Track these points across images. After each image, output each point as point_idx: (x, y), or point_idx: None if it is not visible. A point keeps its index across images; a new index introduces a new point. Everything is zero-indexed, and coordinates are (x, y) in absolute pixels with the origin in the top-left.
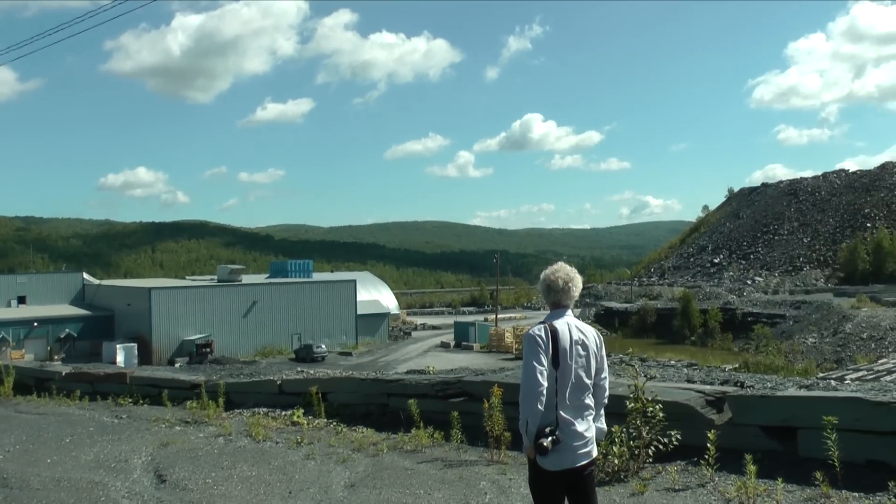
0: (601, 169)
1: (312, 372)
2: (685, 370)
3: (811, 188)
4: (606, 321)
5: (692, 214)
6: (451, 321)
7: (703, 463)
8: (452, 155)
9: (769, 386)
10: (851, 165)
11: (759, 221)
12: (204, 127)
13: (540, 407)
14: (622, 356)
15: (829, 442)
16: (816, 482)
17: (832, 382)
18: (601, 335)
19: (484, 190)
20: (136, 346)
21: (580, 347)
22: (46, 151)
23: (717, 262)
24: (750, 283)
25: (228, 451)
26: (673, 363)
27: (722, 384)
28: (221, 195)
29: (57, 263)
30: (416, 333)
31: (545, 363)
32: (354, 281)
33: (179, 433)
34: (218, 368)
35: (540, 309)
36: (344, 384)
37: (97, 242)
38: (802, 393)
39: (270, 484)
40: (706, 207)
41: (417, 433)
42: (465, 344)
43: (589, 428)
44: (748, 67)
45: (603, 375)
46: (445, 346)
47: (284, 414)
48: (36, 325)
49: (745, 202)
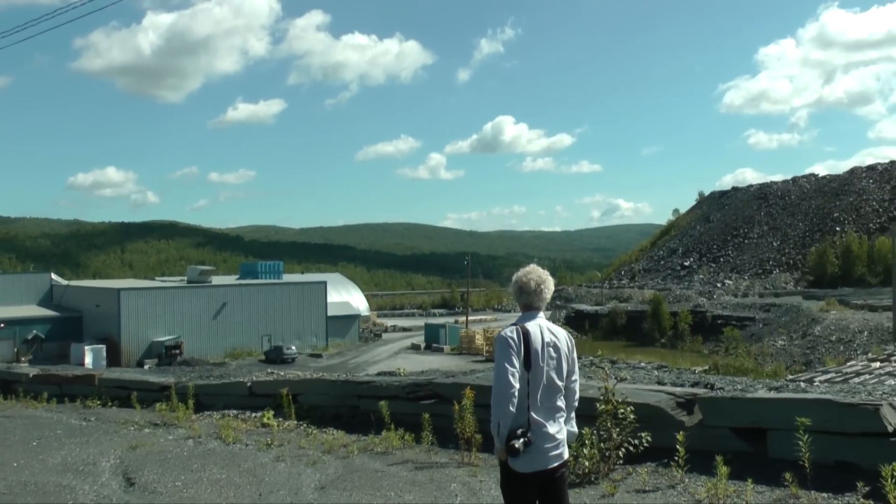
0: (572, 172)
1: (283, 374)
2: (655, 372)
3: (781, 192)
4: (577, 323)
5: (663, 217)
6: (421, 323)
7: (673, 464)
8: (424, 157)
9: (739, 388)
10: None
11: (729, 225)
12: (174, 127)
13: (511, 409)
14: (592, 358)
15: (798, 443)
16: (786, 483)
17: (801, 384)
18: (572, 337)
19: (455, 192)
20: (104, 347)
21: (552, 349)
22: (14, 150)
23: (687, 265)
24: (720, 285)
25: (198, 453)
26: (643, 365)
27: (692, 386)
28: (191, 195)
29: (25, 264)
30: (386, 335)
31: (517, 365)
32: (325, 282)
33: (148, 435)
34: (187, 370)
35: (511, 311)
36: (314, 386)
37: (66, 242)
38: (772, 395)
39: (240, 486)
40: (677, 211)
41: (388, 435)
42: (435, 346)
43: (560, 430)
44: (719, 72)
45: (573, 378)
46: (416, 347)
47: (254, 416)
48: (3, 326)
49: (715, 206)
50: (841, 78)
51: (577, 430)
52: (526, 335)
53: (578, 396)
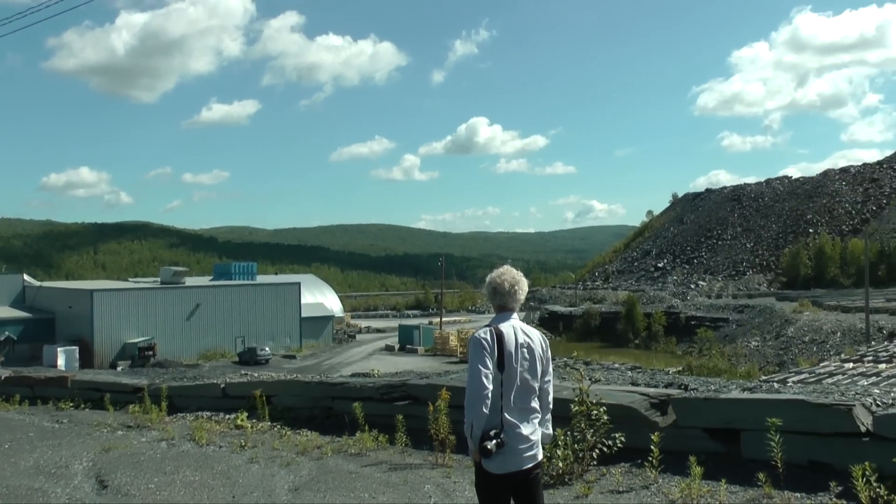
0: (546, 173)
1: (256, 375)
2: (629, 373)
3: (754, 194)
4: (551, 325)
5: (637, 219)
6: (395, 324)
7: (647, 465)
8: (398, 158)
9: (713, 389)
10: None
11: (702, 226)
12: (148, 127)
13: (485, 410)
14: (566, 360)
15: (772, 443)
16: (759, 483)
17: (775, 385)
18: (546, 339)
19: (429, 193)
20: (77, 349)
21: (526, 350)
22: None
23: (661, 266)
24: (693, 287)
25: (171, 455)
26: (617, 366)
27: (666, 387)
28: (165, 196)
29: None
30: (360, 336)
31: (491, 366)
32: (299, 283)
33: (121, 438)
34: (161, 372)
35: (485, 312)
36: (288, 387)
37: (38, 243)
38: (745, 395)
39: (214, 489)
40: (650, 212)
41: (362, 436)
42: (409, 347)
43: (534, 431)
44: (692, 74)
45: (547, 379)
46: (390, 349)
47: (228, 417)
48: None
49: (689, 207)
50: (814, 81)
51: (552, 431)
52: (500, 336)
53: (553, 397)
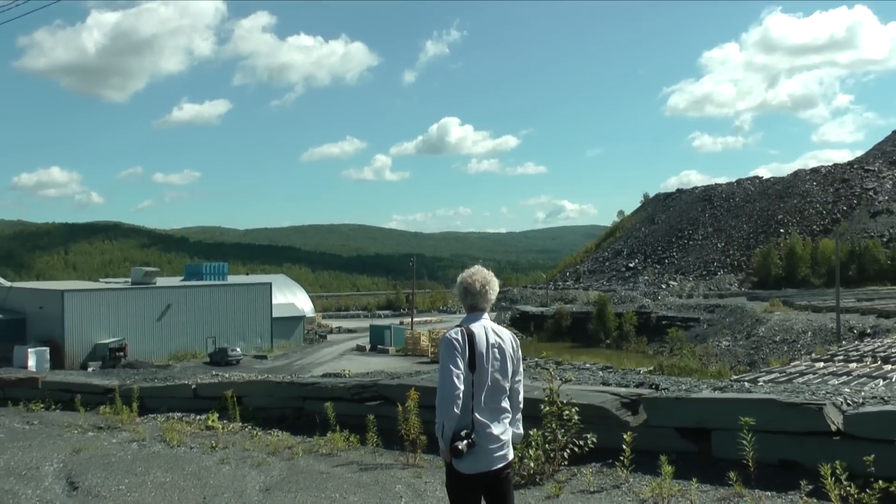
0: (517, 173)
1: (227, 375)
2: (600, 373)
3: (725, 194)
4: (522, 325)
5: (608, 219)
6: (366, 324)
7: (618, 465)
8: (369, 158)
9: (684, 388)
10: (765, 172)
11: (673, 226)
12: (119, 127)
13: (456, 410)
14: (538, 360)
15: (743, 442)
16: (730, 482)
17: (746, 384)
18: (517, 339)
19: (400, 193)
20: (48, 350)
21: (496, 351)
22: None
23: (632, 266)
24: (665, 287)
25: (142, 456)
26: (588, 366)
27: (637, 387)
28: (136, 196)
29: None
30: (331, 337)
31: (462, 367)
32: (270, 284)
33: (92, 439)
34: (132, 373)
35: (456, 312)
36: (259, 388)
37: (9, 243)
38: (716, 395)
39: (184, 490)
40: (622, 212)
41: (333, 437)
42: (380, 347)
43: (505, 431)
44: (663, 75)
45: (518, 379)
46: (361, 349)
47: (199, 418)
48: None
49: (660, 207)
50: (784, 82)
51: (522, 431)
52: (471, 337)
53: (523, 397)
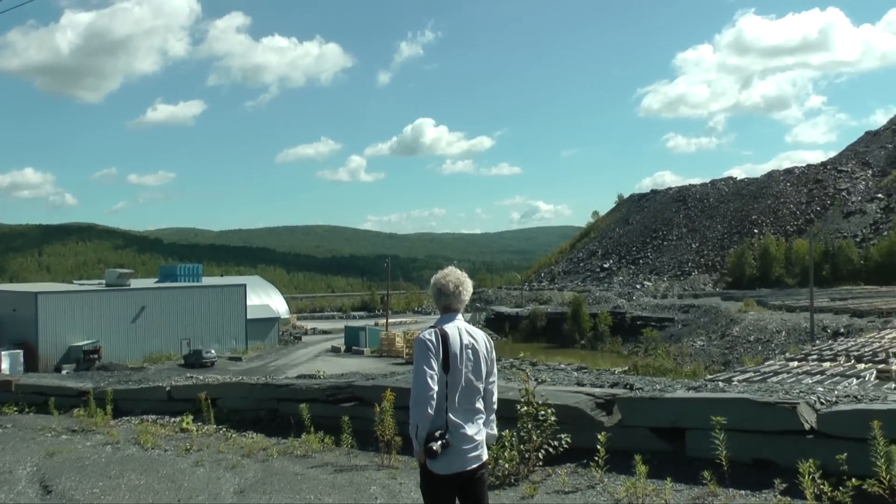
0: (492, 174)
1: (202, 377)
2: (575, 374)
3: (699, 195)
4: (497, 326)
5: (582, 220)
6: (341, 326)
7: (593, 465)
8: (344, 159)
9: (658, 388)
10: (739, 173)
11: (648, 227)
12: (93, 127)
13: (430, 411)
14: (512, 360)
15: (716, 442)
16: (704, 481)
17: (720, 384)
18: (491, 339)
19: (375, 194)
20: (21, 352)
21: (470, 352)
22: None
23: (606, 266)
24: (639, 287)
25: (116, 459)
26: (563, 367)
27: (612, 387)
28: (110, 197)
29: None
30: (306, 338)
31: (436, 367)
32: (244, 285)
33: (66, 442)
34: (106, 375)
35: (431, 313)
36: (234, 389)
37: None
38: (691, 394)
39: (159, 492)
40: (596, 213)
41: (308, 438)
42: (355, 348)
43: (479, 431)
44: (637, 76)
45: (492, 379)
46: (336, 350)
47: (173, 421)
48: None
49: (634, 208)
50: (758, 83)
51: (496, 431)
52: (444, 337)
53: (497, 398)
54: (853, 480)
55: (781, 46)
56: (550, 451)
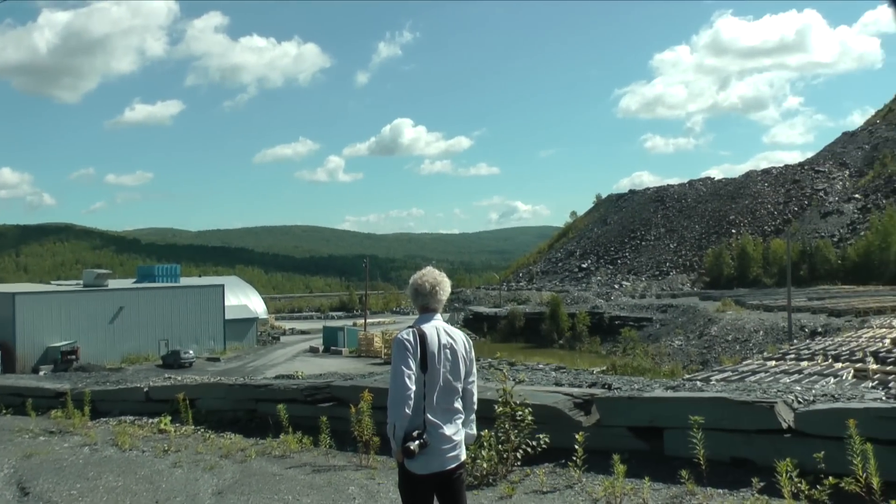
0: (470, 174)
1: (180, 378)
2: (553, 373)
3: (677, 195)
4: (475, 326)
5: (560, 220)
6: (320, 326)
7: (571, 464)
8: (322, 159)
9: (636, 388)
10: (717, 174)
11: (626, 227)
12: (71, 127)
13: (407, 411)
14: (491, 360)
15: (694, 441)
16: (682, 480)
17: (698, 383)
18: (470, 339)
19: (353, 194)
20: None
21: (448, 351)
22: None
23: (585, 266)
24: (617, 287)
25: (94, 460)
26: (541, 367)
27: (590, 387)
28: (88, 197)
29: None
30: (284, 338)
31: (413, 367)
32: (222, 286)
33: (43, 443)
34: (84, 376)
35: (409, 313)
36: (212, 390)
37: None
38: (669, 394)
39: (137, 494)
40: (574, 213)
41: (286, 438)
42: (334, 349)
43: (458, 431)
44: (614, 77)
45: (471, 379)
46: (314, 350)
47: (151, 422)
48: None
49: (612, 208)
50: (735, 84)
51: (475, 431)
52: (422, 337)
53: (477, 398)
54: (830, 479)
55: (759, 48)
56: (529, 451)
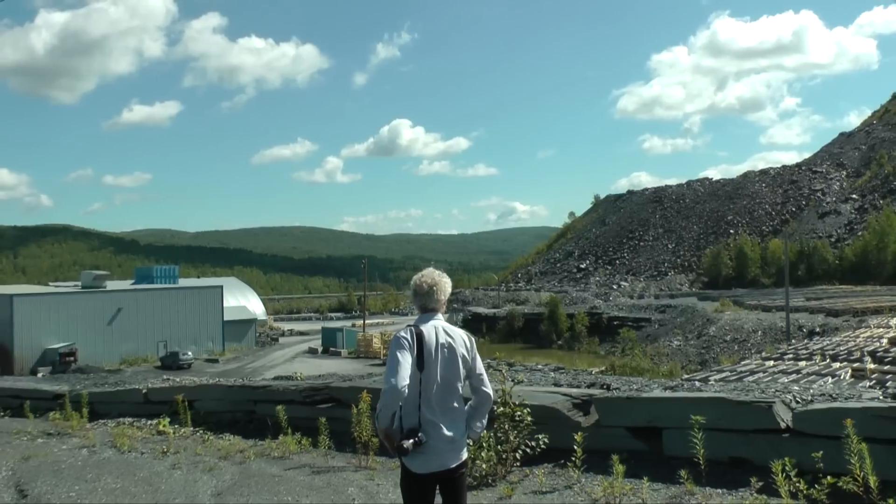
0: (469, 175)
1: (179, 380)
2: (552, 374)
3: (676, 196)
4: (474, 326)
5: (559, 220)
6: (318, 327)
7: (570, 465)
8: (320, 160)
9: (635, 388)
10: (714, 174)
11: (624, 228)
12: (69, 128)
13: (397, 398)
14: (490, 361)
15: (693, 441)
16: (681, 480)
17: (696, 384)
18: (472, 337)
19: (352, 195)
20: None
21: (446, 350)
22: None
23: (583, 267)
24: (616, 287)
25: (92, 463)
26: (540, 367)
27: (588, 387)
28: (86, 198)
29: None
30: (283, 339)
31: (408, 360)
32: (221, 287)
33: (42, 446)
34: (82, 378)
35: (408, 314)
36: (211, 391)
37: None
38: (667, 394)
39: (135, 496)
40: (573, 214)
41: (285, 440)
42: (332, 350)
43: (458, 431)
44: (612, 78)
45: (479, 375)
46: (313, 351)
47: (150, 423)
48: None
49: (611, 209)
50: (732, 85)
51: (482, 428)
52: (419, 336)
53: (490, 393)
54: (828, 478)
55: (756, 48)
56: (528, 451)
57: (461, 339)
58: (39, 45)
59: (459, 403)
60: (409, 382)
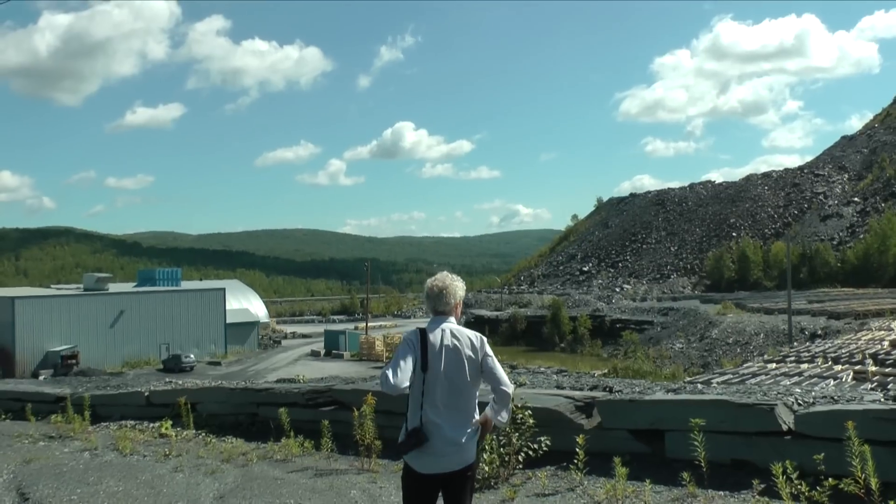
0: (471, 177)
1: (181, 382)
2: (555, 377)
3: (678, 198)
4: (477, 329)
5: (562, 223)
6: (321, 329)
7: (572, 467)
8: (323, 163)
9: (637, 390)
10: (717, 177)
11: (627, 230)
12: (71, 130)
13: (386, 387)
14: None
15: (695, 443)
16: (683, 482)
17: (699, 386)
18: (481, 337)
19: (355, 198)
20: None
21: (452, 352)
22: None
23: (586, 270)
24: (618, 290)
25: (94, 465)
26: (543, 370)
27: (591, 390)
28: (88, 201)
29: None
30: (286, 342)
31: (410, 358)
32: (223, 289)
33: (43, 449)
34: (84, 380)
35: (411, 317)
36: (213, 394)
37: None
38: (670, 397)
39: (137, 499)
40: (575, 216)
41: (287, 442)
42: (335, 352)
43: (462, 434)
44: (615, 81)
45: (494, 373)
46: (316, 354)
47: (152, 426)
48: None
49: (613, 211)
50: (735, 88)
51: (505, 418)
52: (424, 337)
53: (508, 389)
54: (830, 480)
55: (758, 52)
56: (530, 453)
57: (468, 340)
58: (43, 47)
59: (467, 406)
60: (407, 381)
